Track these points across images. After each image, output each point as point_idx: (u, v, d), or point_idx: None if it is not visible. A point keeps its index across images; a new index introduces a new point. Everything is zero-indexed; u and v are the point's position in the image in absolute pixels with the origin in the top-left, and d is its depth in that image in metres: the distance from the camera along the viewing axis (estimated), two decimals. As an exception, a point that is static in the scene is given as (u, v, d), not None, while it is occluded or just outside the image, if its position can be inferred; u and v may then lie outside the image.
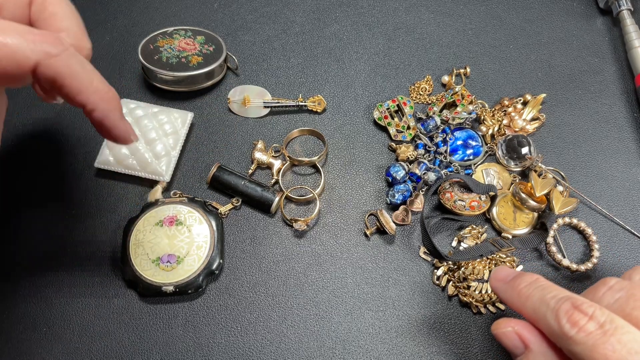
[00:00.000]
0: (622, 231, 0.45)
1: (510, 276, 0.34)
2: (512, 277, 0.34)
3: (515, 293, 0.32)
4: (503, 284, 0.34)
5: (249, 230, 0.46)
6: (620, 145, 0.49)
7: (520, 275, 0.33)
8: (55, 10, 0.34)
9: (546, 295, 0.30)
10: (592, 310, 0.27)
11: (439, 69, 0.54)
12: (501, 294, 0.34)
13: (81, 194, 0.47)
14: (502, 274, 0.34)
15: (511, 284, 0.33)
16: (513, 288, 0.32)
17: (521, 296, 0.32)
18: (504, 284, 0.33)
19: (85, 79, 0.30)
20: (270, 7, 0.58)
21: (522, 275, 0.33)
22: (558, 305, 0.29)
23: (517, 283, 0.32)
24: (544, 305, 0.30)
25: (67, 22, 0.34)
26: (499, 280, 0.34)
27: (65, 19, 0.34)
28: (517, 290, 0.32)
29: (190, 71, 0.49)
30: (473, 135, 0.49)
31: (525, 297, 0.31)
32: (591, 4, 0.57)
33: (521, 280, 0.33)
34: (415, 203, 0.46)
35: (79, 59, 0.30)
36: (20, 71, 0.28)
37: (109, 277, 0.44)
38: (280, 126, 0.51)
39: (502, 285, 0.34)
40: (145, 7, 0.58)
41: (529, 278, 0.32)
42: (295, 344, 0.41)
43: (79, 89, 0.30)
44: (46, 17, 0.33)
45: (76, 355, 0.41)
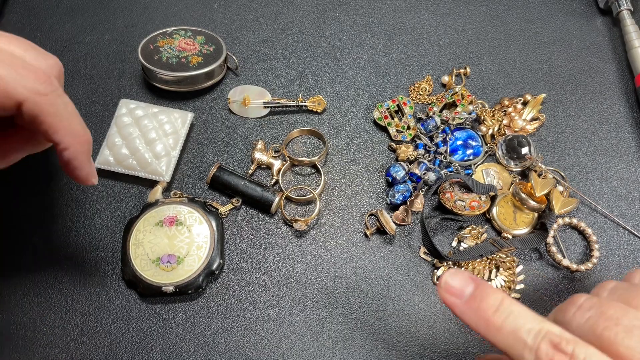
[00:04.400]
0: (622, 231, 0.45)
1: (466, 291, 0.28)
2: (472, 297, 0.28)
3: (482, 320, 0.27)
4: (461, 302, 0.28)
5: (249, 230, 0.46)
6: (620, 145, 0.49)
7: (482, 295, 0.28)
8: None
9: (520, 328, 0.26)
10: (571, 347, 0.25)
11: (439, 69, 0.54)
12: (460, 315, 0.28)
13: (81, 194, 0.47)
14: (455, 287, 0.28)
15: (474, 308, 0.28)
16: (478, 313, 0.27)
17: (490, 326, 0.27)
18: (463, 305, 0.28)
19: (66, 120, 0.32)
20: (270, 7, 0.58)
21: (485, 297, 0.28)
22: (536, 344, 0.26)
23: (483, 308, 0.27)
24: (519, 342, 0.26)
25: None
26: (454, 296, 0.28)
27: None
28: (484, 317, 0.27)
29: (190, 71, 0.49)
30: (473, 135, 0.49)
31: (495, 328, 0.27)
32: (591, 4, 0.57)
33: (486, 304, 0.27)
34: (415, 203, 0.46)
35: (64, 100, 0.32)
36: (6, 103, 0.30)
37: (109, 277, 0.44)
38: (280, 126, 0.51)
39: (460, 304, 0.28)
40: (145, 7, 0.58)
41: (493, 300, 0.27)
42: (295, 344, 0.41)
43: (57, 129, 0.31)
44: None
45: (76, 355, 0.41)
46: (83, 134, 0.33)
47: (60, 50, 0.55)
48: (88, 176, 0.34)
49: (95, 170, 0.35)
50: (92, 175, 0.35)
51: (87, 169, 0.34)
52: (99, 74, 0.53)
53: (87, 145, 0.33)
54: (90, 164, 0.34)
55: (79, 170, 0.33)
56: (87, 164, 0.34)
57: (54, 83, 0.32)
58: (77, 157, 0.33)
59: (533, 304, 0.43)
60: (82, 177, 0.34)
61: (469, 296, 0.28)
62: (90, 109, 0.51)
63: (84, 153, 0.33)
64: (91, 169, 0.34)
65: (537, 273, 0.44)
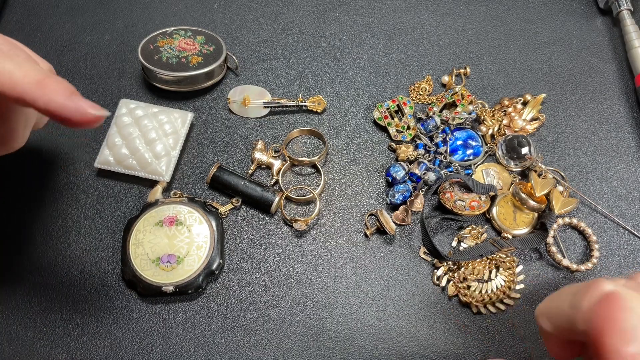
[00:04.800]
0: (622, 231, 0.45)
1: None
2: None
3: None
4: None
5: (249, 230, 0.46)
6: (620, 145, 0.49)
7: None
8: None
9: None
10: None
11: (439, 69, 0.54)
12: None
13: (81, 194, 0.47)
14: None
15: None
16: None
17: None
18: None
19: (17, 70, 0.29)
20: (270, 7, 0.58)
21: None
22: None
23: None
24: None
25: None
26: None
27: None
28: None
29: (190, 71, 0.49)
30: (473, 135, 0.49)
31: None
32: (591, 4, 0.57)
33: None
34: (415, 203, 0.46)
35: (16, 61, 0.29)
36: None
37: (108, 277, 0.44)
38: (280, 126, 0.51)
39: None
40: (145, 7, 0.58)
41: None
42: (295, 344, 0.41)
43: (11, 81, 0.29)
44: None
45: (76, 355, 0.41)
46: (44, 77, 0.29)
47: (60, 50, 0.55)
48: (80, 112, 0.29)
49: (92, 103, 0.30)
50: (86, 108, 0.30)
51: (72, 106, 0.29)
52: (99, 74, 0.53)
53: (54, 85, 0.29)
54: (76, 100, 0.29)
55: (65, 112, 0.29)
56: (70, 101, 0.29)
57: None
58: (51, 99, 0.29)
59: (533, 304, 0.43)
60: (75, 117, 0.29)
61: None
62: (90, 109, 0.51)
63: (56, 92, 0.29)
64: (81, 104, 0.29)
65: (536, 273, 0.44)
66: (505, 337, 0.41)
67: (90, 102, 0.30)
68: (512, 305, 0.42)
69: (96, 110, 0.30)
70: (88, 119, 0.30)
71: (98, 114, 0.30)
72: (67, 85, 0.30)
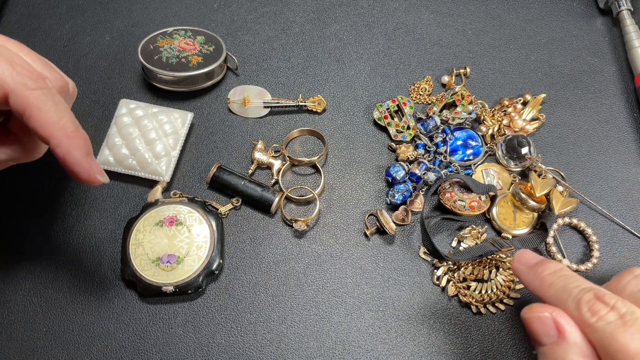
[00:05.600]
0: (622, 231, 0.45)
1: (533, 260, 0.34)
2: (536, 263, 0.34)
3: (537, 279, 0.32)
4: (525, 267, 0.34)
5: (249, 230, 0.46)
6: (620, 145, 0.49)
7: (545, 262, 0.33)
8: None
9: (569, 284, 0.30)
10: (614, 301, 0.28)
11: (439, 69, 0.54)
12: (522, 277, 0.34)
13: (81, 194, 0.47)
14: (525, 257, 0.35)
15: (534, 269, 0.33)
16: (536, 274, 0.33)
17: (544, 283, 0.32)
18: (527, 268, 0.34)
19: (54, 115, 0.32)
20: (270, 7, 0.58)
21: (547, 263, 0.33)
22: (580, 294, 0.29)
23: (541, 270, 0.33)
24: (565, 293, 0.30)
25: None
26: (521, 263, 0.34)
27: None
28: (540, 276, 0.32)
29: (190, 71, 0.49)
30: (473, 135, 0.49)
31: (547, 283, 0.32)
32: (591, 4, 0.57)
33: (545, 267, 0.33)
34: (415, 203, 0.46)
35: (55, 99, 0.32)
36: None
37: (108, 277, 0.44)
38: (280, 126, 0.51)
39: (524, 268, 0.34)
40: (145, 7, 0.58)
41: (553, 266, 0.33)
42: (295, 344, 0.41)
43: (45, 124, 0.32)
44: None
45: (76, 355, 0.41)
46: (74, 130, 0.33)
47: (60, 50, 0.55)
48: (90, 174, 0.33)
49: (100, 169, 0.35)
50: (95, 173, 0.34)
51: (86, 166, 0.33)
52: (99, 74, 0.53)
53: (79, 140, 0.33)
54: (90, 161, 0.33)
55: (77, 167, 0.33)
56: (85, 161, 0.33)
57: (46, 83, 0.32)
58: (71, 152, 0.32)
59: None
60: (83, 176, 0.33)
61: (533, 263, 0.34)
62: (90, 109, 0.51)
63: (78, 148, 0.33)
64: (93, 167, 0.34)
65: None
66: (505, 337, 0.41)
67: (100, 167, 0.34)
68: (512, 305, 0.42)
69: (101, 177, 0.34)
70: (92, 180, 0.34)
71: (102, 180, 0.34)
72: (88, 144, 0.34)
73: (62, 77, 0.37)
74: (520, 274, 0.34)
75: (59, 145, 0.32)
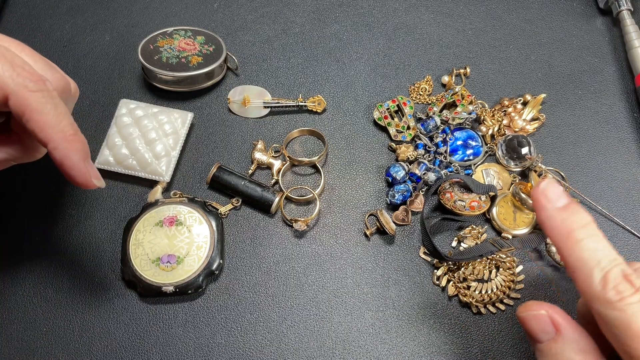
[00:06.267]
0: (622, 231, 0.45)
1: (560, 200, 0.30)
2: (564, 206, 0.29)
3: (564, 229, 0.29)
4: (552, 206, 0.30)
5: (249, 230, 0.46)
6: (620, 145, 0.49)
7: (575, 209, 0.29)
8: None
9: (599, 250, 0.28)
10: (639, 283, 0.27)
11: (439, 69, 0.54)
12: (545, 218, 0.30)
13: (81, 194, 0.47)
14: (552, 193, 0.30)
15: (562, 216, 0.29)
16: (564, 221, 0.29)
17: (570, 237, 0.28)
18: (554, 210, 0.30)
19: (53, 118, 0.32)
20: (270, 7, 0.58)
21: (577, 210, 0.29)
22: (609, 267, 0.27)
23: (571, 220, 0.29)
24: (594, 260, 0.27)
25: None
26: (549, 200, 0.30)
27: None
28: (569, 227, 0.29)
29: (190, 71, 0.49)
30: (473, 136, 0.49)
31: (574, 240, 0.28)
32: (591, 4, 0.57)
33: (576, 217, 0.29)
34: (415, 203, 0.46)
35: (55, 102, 0.32)
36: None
37: (109, 277, 0.44)
38: (280, 126, 0.51)
39: (550, 208, 0.30)
40: (145, 7, 0.58)
41: (584, 218, 0.29)
42: (295, 344, 0.41)
43: (43, 126, 0.32)
44: None
45: (76, 355, 0.41)
46: (73, 133, 0.33)
47: (60, 50, 0.55)
48: (85, 178, 0.33)
49: (97, 173, 0.35)
50: (92, 177, 0.34)
51: (82, 170, 0.33)
52: (99, 74, 0.53)
53: (77, 144, 0.33)
54: (87, 165, 0.34)
55: (74, 171, 0.33)
56: (82, 165, 0.33)
57: (46, 85, 0.32)
58: (69, 156, 0.32)
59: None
60: (79, 179, 0.33)
61: (561, 205, 0.29)
62: (90, 109, 0.51)
63: (76, 152, 0.33)
64: (90, 171, 0.34)
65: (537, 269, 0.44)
66: (505, 337, 0.41)
67: (96, 171, 0.35)
68: (512, 305, 0.42)
69: (97, 182, 0.34)
70: (87, 185, 0.34)
71: (98, 185, 0.34)
72: (86, 148, 0.34)
73: (64, 78, 0.37)
74: (545, 212, 0.30)
75: (57, 149, 0.32)
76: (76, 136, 0.33)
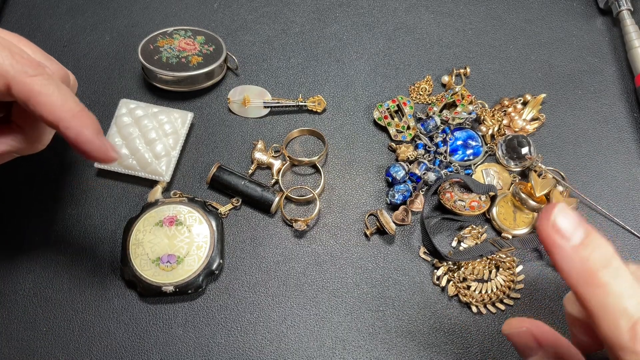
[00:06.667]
0: (622, 231, 0.45)
1: (577, 234, 0.25)
2: (583, 244, 0.24)
3: (585, 272, 0.24)
4: (569, 245, 0.25)
5: (249, 230, 0.46)
6: (620, 145, 0.49)
7: (595, 245, 0.24)
8: None
9: (625, 295, 0.24)
10: None
11: (439, 69, 0.54)
12: (561, 260, 0.25)
13: (81, 194, 0.47)
14: (567, 225, 0.25)
15: (582, 255, 0.24)
16: (584, 263, 0.24)
17: (593, 281, 0.24)
18: (570, 249, 0.24)
19: (59, 98, 0.32)
20: (270, 7, 0.58)
21: (597, 245, 0.24)
22: (637, 315, 0.23)
23: (592, 259, 0.24)
24: (619, 308, 0.24)
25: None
26: (562, 236, 0.25)
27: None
28: (590, 270, 0.24)
29: (190, 71, 0.49)
30: (473, 135, 0.49)
31: (597, 285, 0.24)
32: (591, 4, 0.57)
33: (597, 255, 0.24)
34: (415, 203, 0.46)
35: (56, 83, 0.32)
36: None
37: (109, 277, 0.44)
38: (280, 126, 0.51)
39: (566, 248, 0.25)
40: (145, 7, 0.58)
41: (606, 252, 0.24)
42: (295, 344, 0.41)
43: (52, 108, 0.32)
44: None
45: (76, 355, 0.41)
46: (80, 110, 0.33)
47: (60, 50, 0.55)
48: (103, 151, 0.33)
49: (112, 145, 0.34)
50: (108, 149, 0.33)
51: (97, 143, 0.32)
52: (99, 74, 0.53)
53: (88, 119, 0.33)
54: (101, 138, 0.33)
55: (90, 145, 0.32)
56: (97, 139, 0.33)
57: (44, 70, 0.32)
58: (82, 132, 0.32)
59: (533, 304, 0.43)
60: (97, 153, 0.33)
61: (579, 242, 0.25)
62: (90, 109, 0.51)
63: (88, 127, 0.32)
64: (104, 143, 0.33)
65: (536, 273, 0.44)
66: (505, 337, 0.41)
67: (111, 143, 0.34)
68: (512, 305, 0.42)
69: (114, 153, 0.34)
70: (106, 157, 0.33)
71: (115, 157, 0.34)
72: (96, 122, 0.33)
73: (62, 68, 0.37)
74: (559, 254, 0.25)
75: (69, 127, 0.32)
76: (85, 112, 0.33)
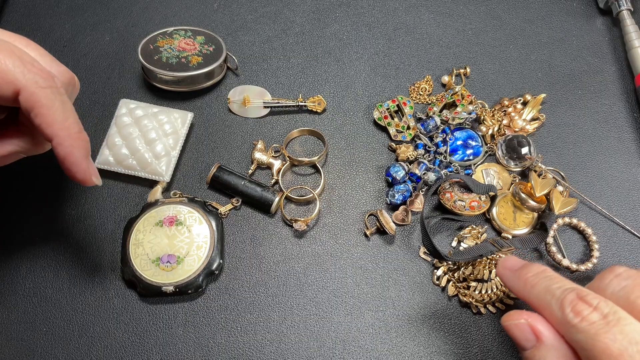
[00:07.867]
0: (622, 231, 0.45)
1: (517, 265, 0.34)
2: (520, 267, 0.34)
3: (521, 282, 0.33)
4: (510, 272, 0.34)
5: (249, 230, 0.46)
6: (620, 145, 0.49)
7: (528, 265, 0.34)
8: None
9: (552, 285, 0.31)
10: (597, 301, 0.28)
11: (439, 69, 0.54)
12: (507, 282, 0.34)
13: (81, 194, 0.47)
14: (509, 263, 0.35)
15: (518, 273, 0.33)
16: (519, 277, 0.33)
17: (527, 285, 0.32)
18: (511, 273, 0.34)
19: (61, 115, 0.33)
20: (270, 7, 0.58)
21: (530, 265, 0.33)
22: (563, 295, 0.29)
23: (525, 272, 0.33)
24: (549, 294, 0.30)
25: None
26: (506, 268, 0.35)
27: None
28: (524, 279, 0.32)
29: (190, 71, 0.49)
30: (473, 135, 0.49)
31: (531, 285, 0.32)
32: (591, 4, 0.57)
33: (528, 269, 0.33)
34: (415, 203, 0.46)
35: (62, 99, 0.33)
36: (5, 89, 0.32)
37: (108, 277, 0.44)
38: (280, 126, 0.51)
39: (509, 273, 0.34)
40: (145, 7, 0.58)
41: (536, 268, 0.33)
42: (295, 344, 0.41)
43: (51, 122, 0.33)
44: None
45: (76, 355, 0.41)
46: (78, 131, 0.34)
47: (60, 50, 0.55)
48: (86, 175, 0.34)
49: (96, 171, 0.36)
50: (91, 175, 0.35)
51: (84, 167, 0.34)
52: (99, 74, 0.53)
53: (81, 142, 0.34)
54: (88, 163, 0.34)
55: (75, 167, 0.34)
56: (84, 162, 0.34)
57: (55, 82, 0.33)
58: (72, 152, 0.33)
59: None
60: (80, 175, 0.34)
61: (517, 268, 0.34)
62: (90, 109, 0.51)
63: (79, 149, 0.34)
64: (90, 168, 0.35)
65: None
66: (505, 337, 0.41)
67: (95, 169, 0.36)
68: (512, 305, 0.42)
69: (96, 179, 0.35)
70: (87, 181, 0.35)
71: (96, 182, 0.35)
72: (88, 146, 0.35)
73: (68, 71, 0.38)
74: (505, 278, 0.35)
75: (61, 145, 0.33)
76: (81, 134, 0.34)
